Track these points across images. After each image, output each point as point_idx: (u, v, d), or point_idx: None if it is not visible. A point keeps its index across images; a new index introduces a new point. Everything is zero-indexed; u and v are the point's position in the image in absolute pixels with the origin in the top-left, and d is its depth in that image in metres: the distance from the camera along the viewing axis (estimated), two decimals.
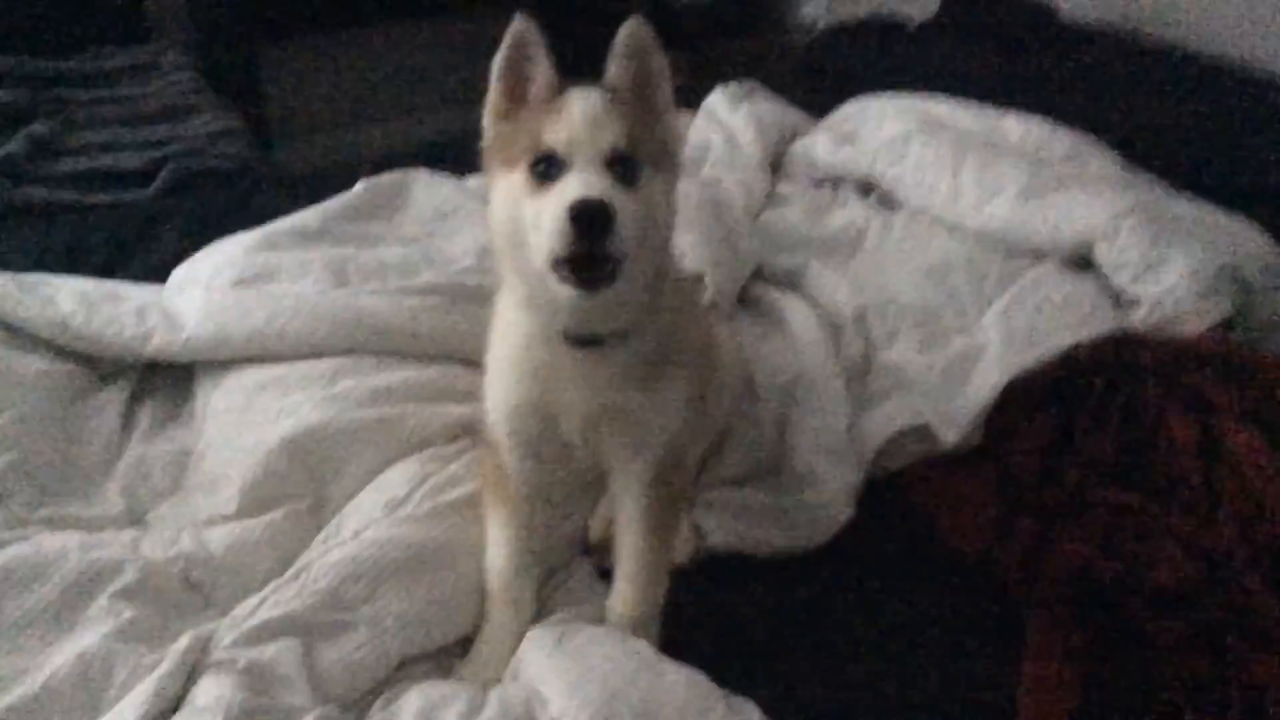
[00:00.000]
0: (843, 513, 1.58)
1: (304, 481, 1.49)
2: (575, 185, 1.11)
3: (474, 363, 1.68)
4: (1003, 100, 2.63)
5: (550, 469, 1.38)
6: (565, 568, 1.48)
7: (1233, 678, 1.32)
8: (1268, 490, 1.53)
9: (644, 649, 1.26)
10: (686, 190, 2.03)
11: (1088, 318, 1.95)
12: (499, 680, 1.29)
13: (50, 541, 1.34)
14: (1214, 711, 1.29)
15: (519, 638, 1.33)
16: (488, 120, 1.27)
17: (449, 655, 1.36)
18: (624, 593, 1.36)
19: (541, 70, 1.23)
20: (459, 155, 2.53)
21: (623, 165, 1.15)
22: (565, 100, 1.18)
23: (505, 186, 1.20)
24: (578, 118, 1.16)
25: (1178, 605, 1.40)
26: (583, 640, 1.27)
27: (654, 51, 1.24)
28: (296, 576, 1.31)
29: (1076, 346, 1.81)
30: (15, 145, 2.52)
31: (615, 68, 1.23)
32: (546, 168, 1.15)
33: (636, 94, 1.23)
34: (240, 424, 1.56)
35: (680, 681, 1.20)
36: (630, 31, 1.22)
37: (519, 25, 1.22)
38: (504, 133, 1.24)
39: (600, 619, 1.35)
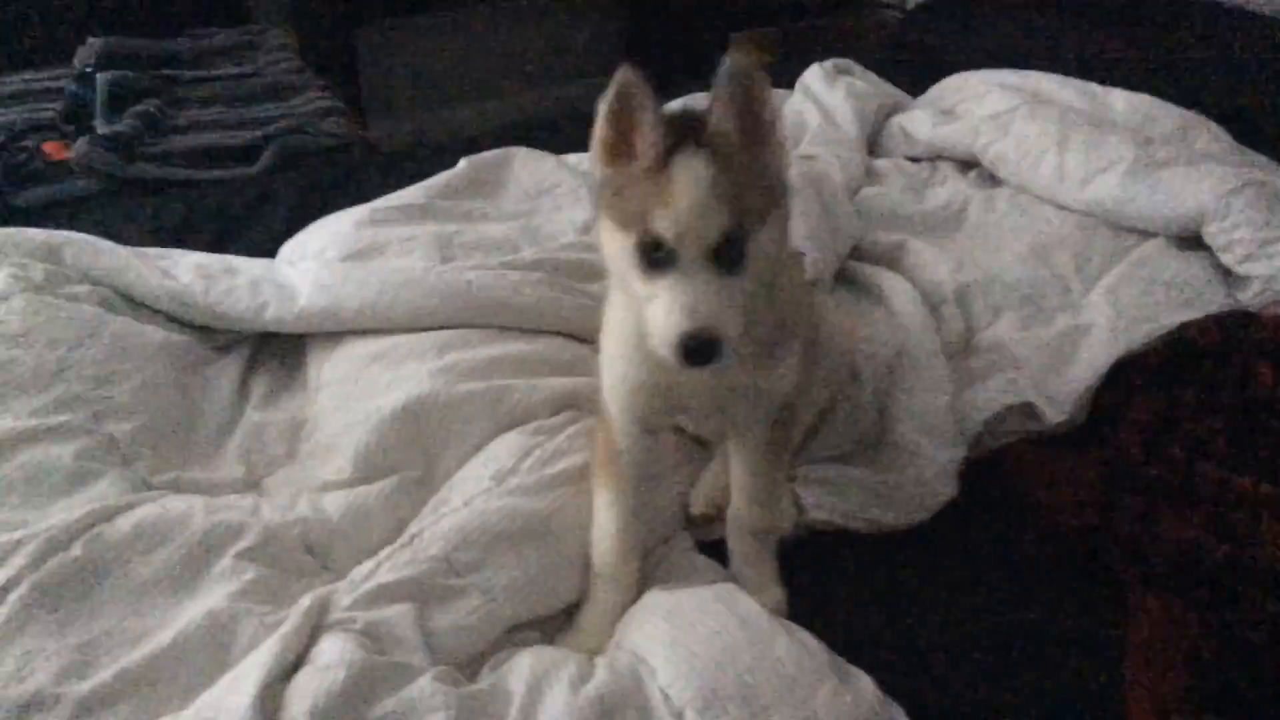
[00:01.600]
0: (944, 491, 1.56)
1: (414, 450, 1.51)
2: (682, 304, 1.12)
3: (577, 337, 1.72)
4: (1103, 76, 2.58)
5: (661, 443, 1.39)
6: (665, 542, 1.49)
7: None
8: None
9: (755, 615, 1.25)
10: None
11: (1197, 297, 1.91)
12: (601, 651, 1.31)
13: (175, 504, 1.38)
14: None
15: (622, 611, 1.35)
16: (593, 164, 1.23)
17: (554, 623, 1.38)
18: (746, 508, 1.41)
19: (648, 122, 1.15)
20: (550, 133, 2.57)
21: (730, 246, 1.14)
22: (671, 175, 1.13)
23: (616, 242, 1.18)
24: (684, 206, 1.12)
25: None
26: (691, 608, 1.28)
27: (759, 88, 1.17)
28: (410, 543, 1.34)
29: (1185, 326, 1.78)
30: (126, 124, 2.59)
31: (718, 108, 1.16)
32: (655, 251, 1.14)
33: (742, 135, 1.17)
34: (352, 394, 1.59)
35: (792, 652, 1.20)
36: (733, 69, 1.15)
37: (624, 77, 1.15)
38: (612, 183, 1.20)
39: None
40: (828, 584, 1.45)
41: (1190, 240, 2.06)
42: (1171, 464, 1.58)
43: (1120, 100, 2.47)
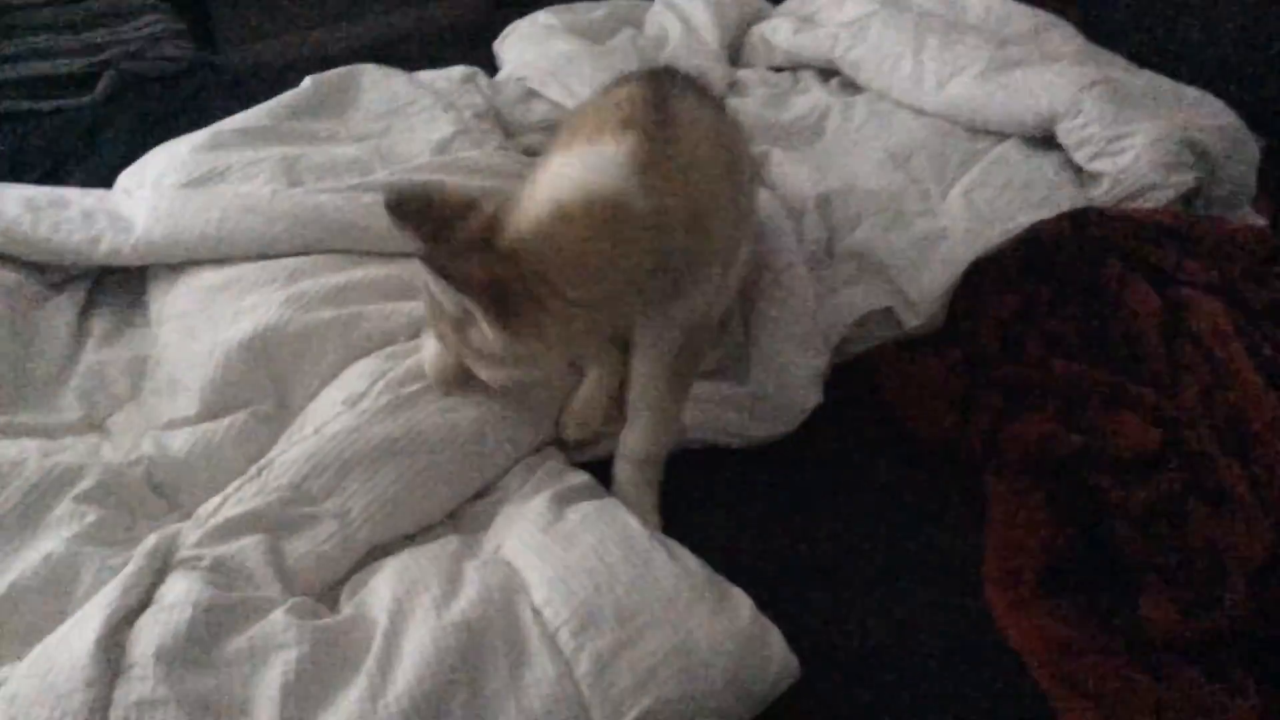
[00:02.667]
0: (810, 399, 1.57)
1: (264, 382, 1.46)
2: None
3: None
4: None
5: None
6: (539, 452, 1.46)
7: (1194, 542, 1.34)
8: (1229, 357, 1.55)
9: (637, 532, 1.24)
10: None
11: (1051, 195, 1.95)
12: (590, 440, 1.44)
13: (7, 449, 1.32)
14: (1176, 574, 1.32)
15: (611, 393, 1.41)
16: None
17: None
18: (641, 437, 1.41)
19: None
20: (408, 53, 2.49)
21: None
22: None
23: None
24: None
25: (1139, 473, 1.42)
26: (574, 521, 1.26)
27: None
28: (259, 474, 1.30)
29: (1038, 225, 1.81)
30: None
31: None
32: None
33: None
34: (197, 327, 1.53)
35: (670, 570, 1.19)
36: None
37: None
38: None
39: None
40: (701, 501, 1.44)
41: (1045, 140, 2.09)
42: (1027, 360, 1.62)
43: (975, 2, 2.49)
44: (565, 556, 1.20)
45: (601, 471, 1.42)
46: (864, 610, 1.31)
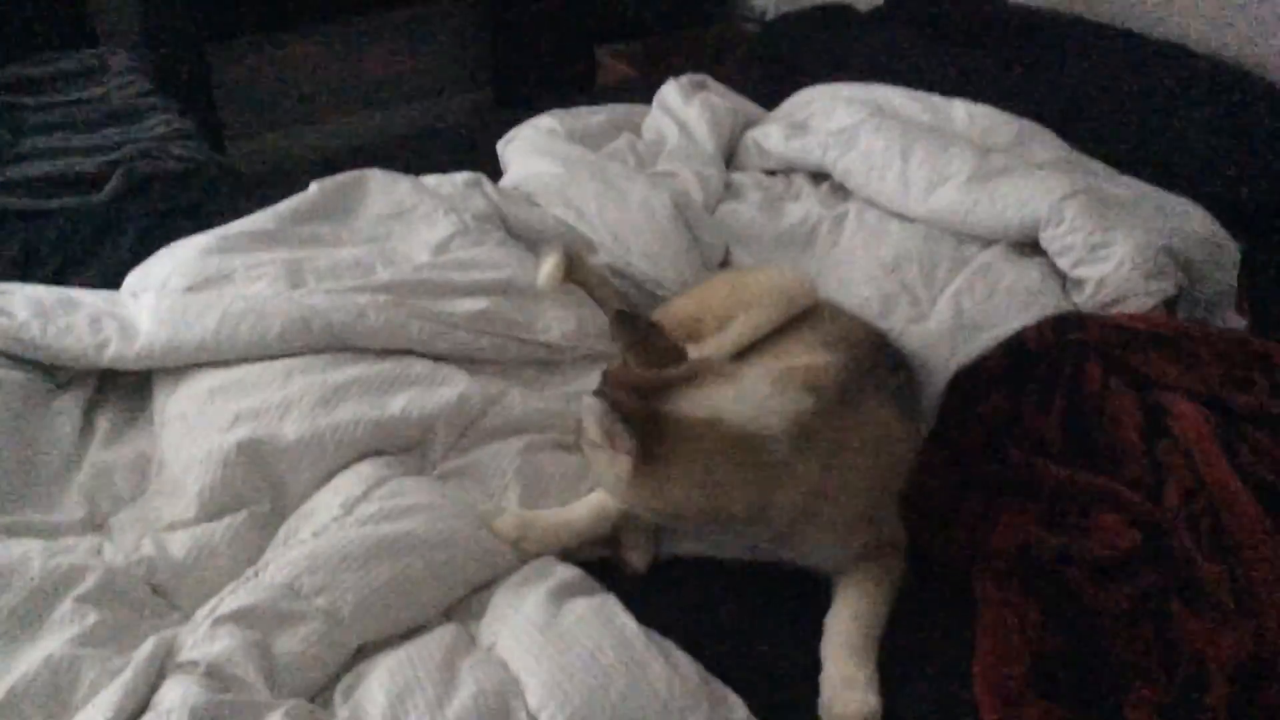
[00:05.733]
0: None
1: (261, 485, 1.49)
2: None
3: (427, 354, 1.72)
4: (952, 86, 2.66)
5: None
6: None
7: (1176, 643, 1.36)
8: (1209, 461, 1.58)
9: (633, 636, 1.26)
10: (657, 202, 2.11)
11: (1035, 300, 1.99)
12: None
13: (11, 548, 1.34)
14: (1159, 675, 1.33)
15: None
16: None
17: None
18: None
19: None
20: (411, 151, 2.55)
21: None
22: None
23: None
24: None
25: (1121, 574, 1.44)
26: (570, 621, 1.28)
27: None
28: (255, 575, 1.32)
29: (1022, 330, 1.85)
30: None
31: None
32: None
33: None
34: (195, 429, 1.56)
35: (665, 676, 1.21)
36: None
37: (595, 407, 1.31)
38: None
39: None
40: (693, 606, 1.45)
41: (1030, 246, 2.15)
42: (1011, 463, 1.65)
43: (961, 111, 2.56)
44: (561, 659, 1.22)
45: (588, 566, 1.45)
46: None
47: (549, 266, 1.88)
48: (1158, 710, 1.29)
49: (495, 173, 2.43)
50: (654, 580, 1.47)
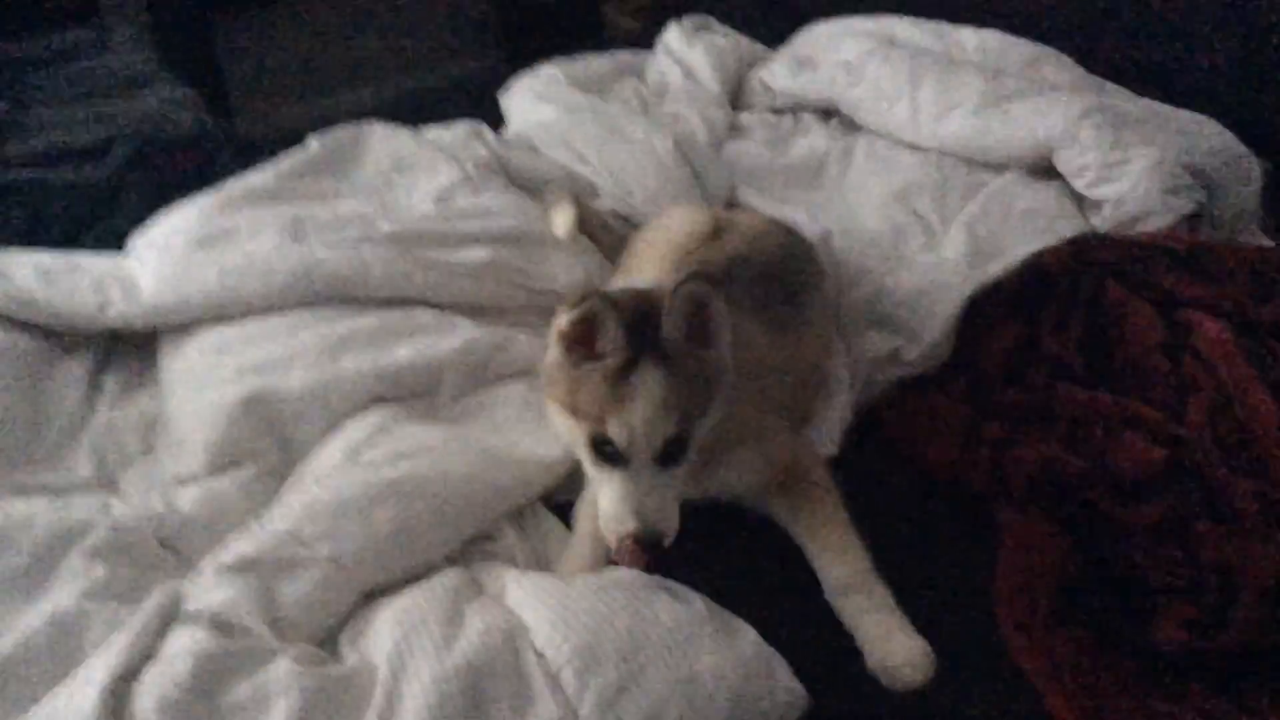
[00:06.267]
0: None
1: (267, 438, 1.49)
2: (631, 507, 1.25)
3: (432, 304, 1.70)
4: (958, 14, 2.61)
5: None
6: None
7: (1204, 561, 1.33)
8: (1235, 375, 1.54)
9: (632, 577, 1.25)
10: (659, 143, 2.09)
11: (1052, 224, 1.95)
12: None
13: (18, 507, 1.34)
14: (1188, 594, 1.30)
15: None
16: (548, 369, 1.35)
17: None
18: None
19: (611, 339, 1.27)
20: (420, 112, 2.52)
21: (675, 444, 1.27)
22: (627, 388, 1.25)
23: (565, 422, 1.32)
24: (638, 419, 1.25)
25: (1146, 493, 1.41)
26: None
27: (713, 309, 1.30)
28: (260, 524, 1.31)
29: (1040, 252, 1.81)
30: None
31: (672, 323, 1.28)
32: (605, 445, 1.27)
33: (689, 342, 1.29)
34: (201, 385, 1.55)
35: (671, 609, 1.20)
36: (689, 294, 1.27)
37: (594, 306, 1.26)
38: (566, 371, 1.31)
39: None
40: (710, 537, 1.43)
41: (1045, 170, 2.10)
42: (1031, 388, 1.61)
43: (970, 38, 2.51)
44: (565, 598, 1.21)
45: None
46: None
47: (565, 216, 1.85)
48: (1187, 628, 1.27)
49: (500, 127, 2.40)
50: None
